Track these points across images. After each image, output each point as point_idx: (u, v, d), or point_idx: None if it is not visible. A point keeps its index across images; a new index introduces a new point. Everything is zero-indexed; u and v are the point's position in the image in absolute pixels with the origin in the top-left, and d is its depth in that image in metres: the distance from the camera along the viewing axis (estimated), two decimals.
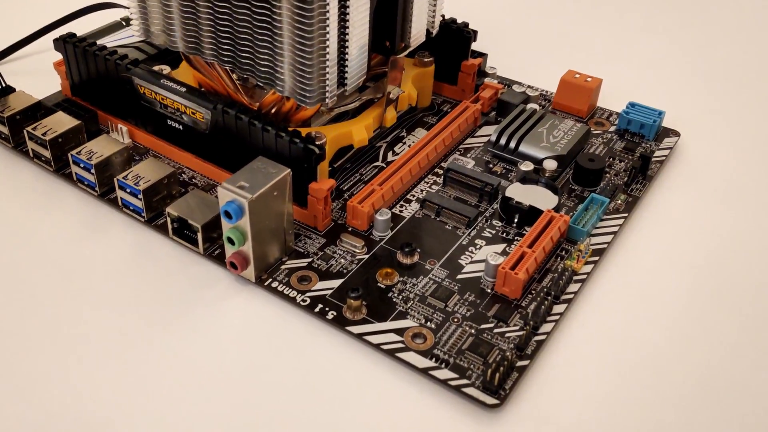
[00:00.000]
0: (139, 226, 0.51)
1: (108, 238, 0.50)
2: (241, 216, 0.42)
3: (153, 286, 0.46)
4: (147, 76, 0.53)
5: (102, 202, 0.52)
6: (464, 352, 0.42)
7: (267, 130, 0.48)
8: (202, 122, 0.51)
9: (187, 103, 0.51)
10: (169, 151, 0.56)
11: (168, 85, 0.52)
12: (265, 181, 0.43)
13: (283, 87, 0.49)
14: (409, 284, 0.47)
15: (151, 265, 0.48)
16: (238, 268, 0.45)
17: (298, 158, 0.47)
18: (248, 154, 0.50)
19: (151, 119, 0.55)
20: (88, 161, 0.50)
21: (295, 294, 0.45)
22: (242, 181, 0.43)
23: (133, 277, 0.47)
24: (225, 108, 0.49)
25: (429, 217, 0.53)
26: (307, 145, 0.47)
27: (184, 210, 0.47)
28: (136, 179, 0.49)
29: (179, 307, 0.45)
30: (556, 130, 0.60)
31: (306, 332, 0.44)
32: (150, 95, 0.53)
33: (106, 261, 0.48)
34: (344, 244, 0.49)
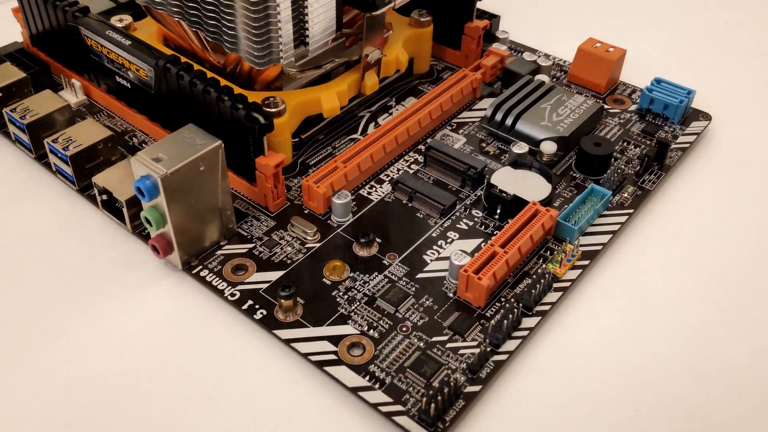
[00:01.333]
0: (72, 195, 0.44)
1: (37, 206, 0.43)
2: (156, 194, 0.34)
3: (75, 260, 0.39)
4: (93, 26, 0.45)
5: (40, 166, 0.45)
6: (405, 370, 0.34)
7: (208, 92, 0.40)
8: (147, 80, 0.43)
9: (130, 58, 0.43)
10: (121, 111, 0.48)
11: (113, 37, 0.44)
12: (189, 153, 0.35)
13: (232, 44, 0.41)
14: (359, 282, 0.38)
15: (77, 239, 0.41)
16: (161, 252, 0.37)
17: (243, 127, 0.39)
18: (197, 119, 0.42)
19: (102, 75, 0.47)
20: (21, 120, 0.43)
21: (225, 286, 0.38)
22: (161, 153, 0.35)
23: (58, 248, 0.40)
24: (167, 65, 0.41)
25: (400, 201, 0.44)
26: (251, 112, 0.39)
27: (112, 181, 0.40)
28: (66, 143, 0.42)
29: (97, 286, 0.38)
30: (562, 107, 0.50)
31: (231, 331, 0.36)
32: (97, 48, 0.45)
33: (32, 229, 0.41)
34: (295, 229, 0.41)
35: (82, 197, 0.43)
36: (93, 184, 0.40)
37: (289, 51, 0.40)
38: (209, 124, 0.40)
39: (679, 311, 0.38)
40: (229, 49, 0.41)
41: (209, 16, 0.40)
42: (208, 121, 0.41)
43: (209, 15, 0.40)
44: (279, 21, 0.38)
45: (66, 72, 0.50)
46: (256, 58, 0.39)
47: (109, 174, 0.40)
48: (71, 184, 0.43)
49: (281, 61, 0.40)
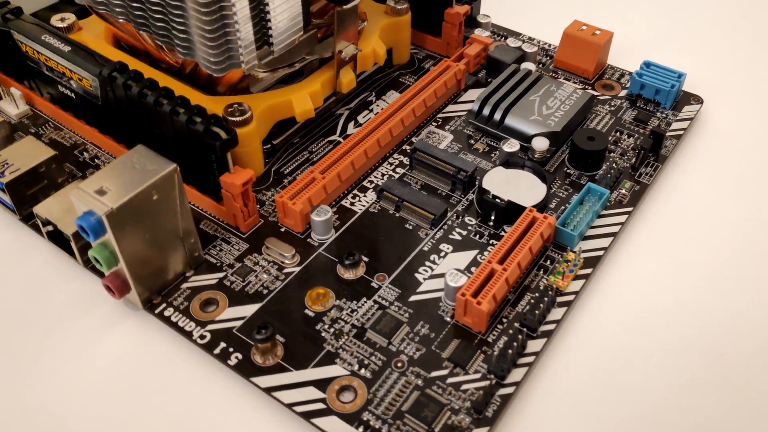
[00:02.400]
0: (15, 224, 0.37)
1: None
2: (102, 232, 0.28)
3: (21, 300, 0.33)
4: (26, 30, 0.38)
5: None
6: (404, 415, 0.28)
7: (160, 104, 0.33)
8: (92, 91, 0.37)
9: (71, 67, 0.36)
10: (68, 122, 0.41)
11: (50, 43, 0.37)
12: (138, 181, 0.29)
13: (186, 48, 0.34)
14: (346, 310, 0.33)
15: (22, 274, 0.34)
16: (116, 293, 0.31)
17: (203, 145, 0.33)
18: (152, 132, 0.36)
19: (43, 83, 0.40)
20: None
21: (193, 326, 0.32)
22: (105, 183, 0.29)
23: (0, 286, 0.34)
24: (112, 74, 0.34)
25: (387, 211, 0.38)
26: (210, 126, 0.32)
27: (57, 210, 0.33)
28: (2, 167, 0.35)
29: (47, 330, 0.32)
30: (552, 98, 0.44)
31: (202, 379, 0.30)
32: (34, 55, 0.38)
33: None
34: (270, 252, 0.35)
35: (26, 227, 0.36)
36: (34, 214, 0.34)
37: (250, 53, 0.33)
38: (164, 138, 0.34)
39: (692, 313, 0.34)
40: (182, 53, 0.34)
41: (156, 18, 0.34)
42: (163, 136, 0.35)
43: (156, 17, 0.34)
44: (236, 22, 0.31)
45: (3, 80, 0.43)
46: (213, 64, 0.33)
47: (53, 202, 0.34)
48: (13, 213, 0.36)
49: (242, 66, 0.34)
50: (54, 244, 0.35)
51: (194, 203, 0.37)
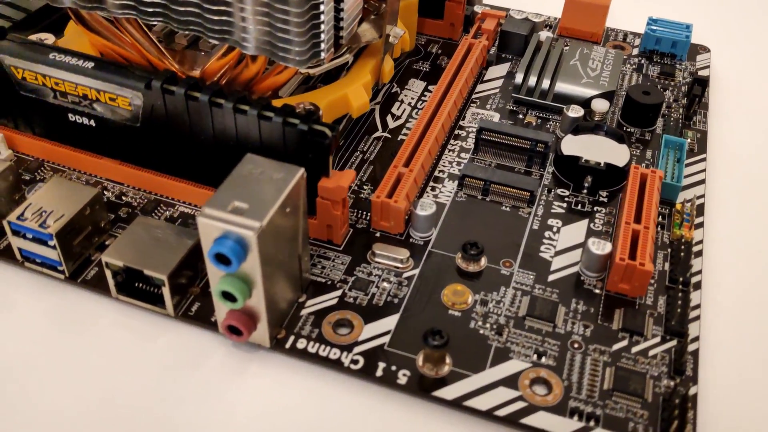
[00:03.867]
0: (57, 287, 0.32)
1: (11, 317, 0.31)
2: (245, 257, 0.26)
3: (106, 377, 0.29)
4: (26, 51, 0.33)
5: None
6: (611, 394, 0.29)
7: (243, 112, 0.31)
8: (129, 111, 0.33)
9: (98, 86, 0.33)
10: (77, 160, 0.37)
11: (62, 62, 0.33)
12: (273, 193, 0.26)
13: (250, 42, 0.32)
14: (491, 303, 0.32)
15: (93, 347, 0.30)
16: (244, 333, 0.28)
17: (302, 148, 0.31)
18: (209, 152, 0.33)
19: (40, 115, 0.36)
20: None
21: (338, 354, 0.30)
22: (236, 201, 0.26)
23: (71, 370, 0.29)
24: (166, 85, 0.32)
25: (474, 198, 0.38)
26: (314, 125, 0.30)
27: (130, 254, 0.29)
28: (39, 217, 0.30)
29: (163, 399, 0.28)
30: (591, 60, 0.46)
31: (370, 411, 0.28)
32: (34, 80, 0.34)
33: (17, 355, 0.30)
34: (380, 258, 0.34)
35: (74, 286, 0.32)
36: (105, 264, 0.29)
37: (330, 41, 0.32)
38: (234, 152, 0.32)
39: None
40: (244, 47, 0.32)
41: (214, 8, 0.31)
42: (231, 150, 0.32)
43: (214, 6, 0.31)
44: (322, 3, 0.30)
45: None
46: (298, 55, 0.31)
47: (120, 246, 0.30)
48: (54, 271, 0.31)
49: (322, 54, 0.32)
50: (125, 298, 0.31)
51: None
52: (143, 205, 0.35)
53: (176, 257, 0.29)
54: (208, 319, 0.31)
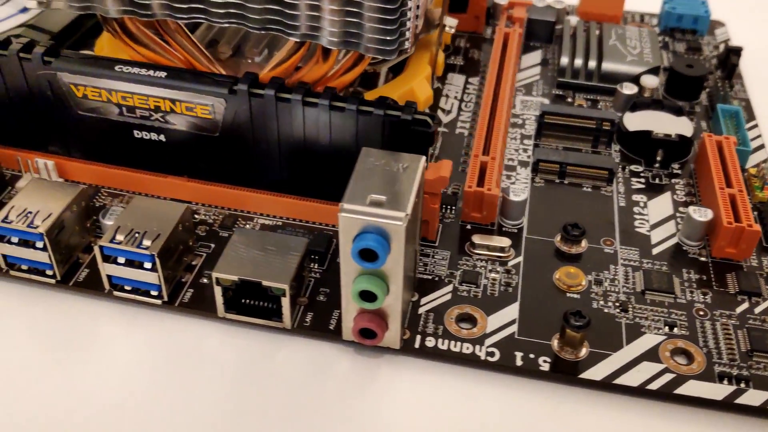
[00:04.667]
0: (153, 314, 0.31)
1: (106, 352, 0.29)
2: (389, 251, 0.25)
3: (232, 402, 0.27)
4: (87, 67, 0.32)
5: (70, 292, 0.31)
6: (752, 354, 0.29)
7: (339, 109, 0.30)
8: (207, 120, 0.32)
9: (174, 96, 0.32)
10: (139, 182, 0.35)
11: (132, 73, 0.32)
12: (406, 182, 0.26)
13: (335, 36, 0.31)
14: (606, 282, 0.32)
15: (206, 372, 0.29)
16: (378, 335, 0.28)
17: (402, 140, 0.30)
18: (294, 158, 0.32)
19: (99, 136, 0.34)
20: (32, 229, 0.29)
21: (471, 348, 0.29)
22: (371, 194, 0.25)
23: (192, 399, 0.27)
24: (253, 89, 0.31)
25: (552, 182, 0.38)
26: (416, 115, 0.30)
27: (242, 268, 0.28)
28: (132, 238, 0.29)
29: (294, 424, 0.27)
30: (628, 39, 0.48)
31: (515, 401, 0.28)
32: (97, 97, 0.32)
33: (132, 386, 0.28)
34: (482, 249, 0.33)
35: (172, 312, 0.30)
36: (215, 281, 0.28)
37: (414, 30, 0.32)
38: (323, 153, 0.31)
39: None
40: (331, 44, 0.31)
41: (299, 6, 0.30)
42: (320, 152, 0.32)
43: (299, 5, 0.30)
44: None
45: (11, 155, 0.35)
46: (387, 44, 0.31)
47: (228, 260, 0.29)
48: (151, 297, 0.30)
49: (407, 44, 0.32)
50: (234, 316, 0.29)
51: None
52: (221, 221, 0.34)
53: (291, 265, 0.28)
54: (326, 328, 0.30)
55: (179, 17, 0.32)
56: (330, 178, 0.33)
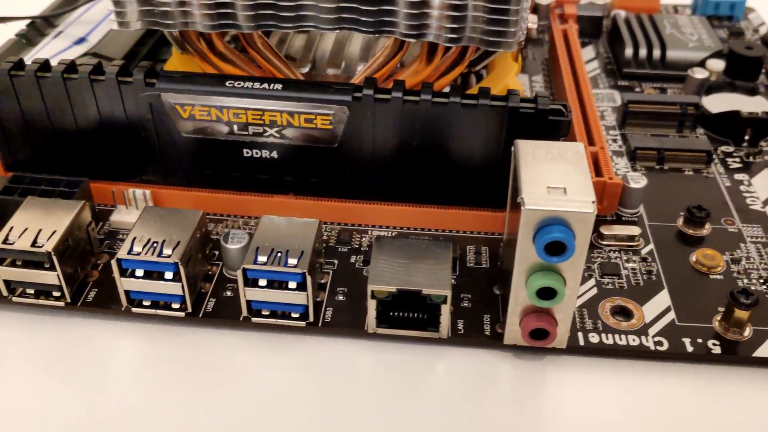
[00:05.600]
0: (296, 338, 0.29)
1: (255, 379, 0.27)
2: (574, 243, 0.24)
3: (397, 427, 0.26)
4: (194, 85, 0.30)
5: (201, 324, 0.29)
6: None
7: (471, 106, 0.29)
8: (327, 131, 0.30)
9: (294, 108, 0.30)
10: (242, 204, 0.33)
11: (246, 87, 0.30)
12: (578, 170, 0.25)
13: (453, 33, 0.30)
14: (745, 260, 0.31)
15: (358, 396, 0.27)
16: (551, 334, 0.26)
17: (536, 131, 0.29)
18: (416, 162, 0.31)
19: (204, 158, 0.32)
20: (165, 259, 0.27)
21: (638, 340, 0.28)
22: (549, 184, 0.24)
23: (350, 425, 0.26)
24: (378, 95, 0.29)
25: (652, 169, 0.38)
26: (551, 105, 0.29)
27: (396, 278, 0.27)
28: (276, 258, 0.27)
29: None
30: (683, 26, 0.48)
31: (688, 389, 0.27)
32: (206, 116, 0.31)
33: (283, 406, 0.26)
34: (609, 240, 0.32)
35: (315, 334, 0.28)
36: (370, 295, 0.26)
37: (527, 20, 0.31)
38: (446, 153, 0.30)
39: None
40: (447, 41, 0.30)
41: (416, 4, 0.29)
42: (442, 151, 0.30)
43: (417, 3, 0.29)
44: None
45: (115, 186, 0.33)
46: (508, 37, 0.30)
47: (378, 272, 0.27)
48: (294, 320, 0.28)
49: (521, 35, 0.31)
50: (385, 330, 0.28)
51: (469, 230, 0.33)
52: (336, 236, 0.33)
53: (445, 271, 0.27)
54: (481, 334, 0.28)
55: (284, 26, 0.31)
56: (453, 180, 0.32)
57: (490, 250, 0.32)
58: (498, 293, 0.30)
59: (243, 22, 0.31)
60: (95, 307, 0.29)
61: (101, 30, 0.41)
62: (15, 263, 0.28)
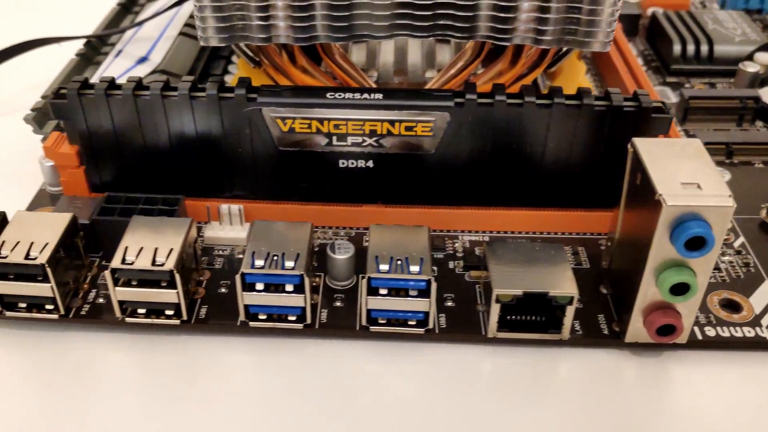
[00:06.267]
0: (413, 346, 0.28)
1: (373, 388, 0.27)
2: (714, 237, 0.24)
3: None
4: (294, 98, 0.30)
5: (317, 336, 0.29)
6: None
7: (576, 107, 0.29)
8: (426, 139, 0.30)
9: (396, 116, 0.30)
10: (334, 214, 0.33)
11: (348, 98, 0.30)
12: (702, 164, 0.25)
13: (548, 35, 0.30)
14: None
15: (482, 404, 0.27)
16: (677, 329, 0.26)
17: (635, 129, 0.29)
18: (511, 167, 0.31)
19: (298, 171, 0.32)
20: (289, 271, 0.26)
21: (752, 331, 0.28)
22: (681, 180, 0.24)
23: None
24: (481, 99, 0.29)
25: (722, 163, 0.38)
26: (653, 103, 0.30)
27: (519, 281, 0.27)
28: (398, 267, 0.27)
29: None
30: (724, 21, 0.49)
31: None
32: (306, 129, 0.30)
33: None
34: None
35: (436, 341, 0.28)
36: (495, 299, 0.26)
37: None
38: (540, 154, 0.30)
39: None
40: (542, 42, 0.30)
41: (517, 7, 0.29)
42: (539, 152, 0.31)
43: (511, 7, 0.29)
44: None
45: (209, 202, 0.33)
46: (604, 37, 0.30)
47: (501, 276, 0.27)
48: (412, 327, 0.28)
49: (612, 35, 0.31)
50: (505, 334, 0.27)
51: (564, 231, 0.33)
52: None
53: (567, 272, 0.27)
54: (600, 333, 0.28)
55: (379, 35, 0.31)
56: (548, 182, 0.32)
57: (587, 250, 0.32)
58: (605, 292, 0.30)
59: (333, 33, 0.31)
60: (210, 323, 0.29)
61: (161, 47, 0.41)
62: (130, 283, 0.27)
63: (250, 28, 0.30)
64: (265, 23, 0.30)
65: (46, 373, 0.27)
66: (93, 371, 0.28)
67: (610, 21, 0.30)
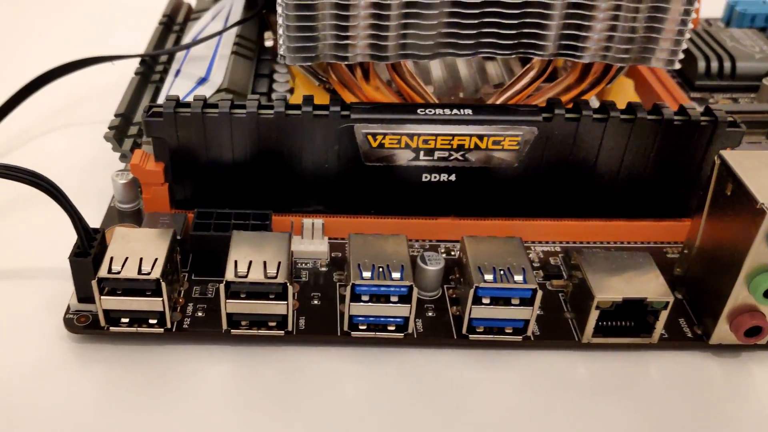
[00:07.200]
0: (513, 353, 0.29)
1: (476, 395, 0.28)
2: None
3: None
4: (385, 115, 0.30)
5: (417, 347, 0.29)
6: None
7: (657, 121, 0.31)
8: (512, 152, 0.31)
9: (485, 131, 0.30)
10: (407, 228, 0.33)
11: (438, 113, 0.30)
12: None
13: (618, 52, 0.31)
14: None
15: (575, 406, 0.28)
16: (763, 330, 0.28)
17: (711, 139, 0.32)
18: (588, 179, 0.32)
19: (381, 186, 0.32)
20: (398, 282, 0.27)
21: None
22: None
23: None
24: (569, 114, 0.30)
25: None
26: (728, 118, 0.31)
27: (617, 287, 0.28)
28: (503, 276, 0.27)
29: None
30: (741, 39, 0.51)
31: None
32: (395, 144, 0.31)
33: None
34: None
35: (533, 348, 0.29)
36: (596, 304, 0.27)
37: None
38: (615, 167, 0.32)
39: None
40: (611, 59, 0.31)
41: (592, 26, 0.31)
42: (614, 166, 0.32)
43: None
44: None
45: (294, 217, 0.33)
46: (676, 56, 0.31)
47: (598, 281, 0.28)
48: (509, 335, 0.28)
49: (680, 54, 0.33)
50: (600, 339, 0.28)
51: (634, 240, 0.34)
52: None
53: (659, 278, 0.28)
54: (683, 337, 0.29)
55: (464, 53, 0.31)
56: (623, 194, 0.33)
57: (654, 258, 0.33)
58: (680, 297, 0.31)
59: (417, 51, 0.31)
60: (316, 334, 0.29)
61: (218, 67, 0.41)
62: (239, 295, 0.27)
63: (332, 47, 0.31)
64: (348, 42, 0.31)
65: (153, 386, 0.27)
66: (194, 383, 0.28)
67: (680, 41, 0.32)
